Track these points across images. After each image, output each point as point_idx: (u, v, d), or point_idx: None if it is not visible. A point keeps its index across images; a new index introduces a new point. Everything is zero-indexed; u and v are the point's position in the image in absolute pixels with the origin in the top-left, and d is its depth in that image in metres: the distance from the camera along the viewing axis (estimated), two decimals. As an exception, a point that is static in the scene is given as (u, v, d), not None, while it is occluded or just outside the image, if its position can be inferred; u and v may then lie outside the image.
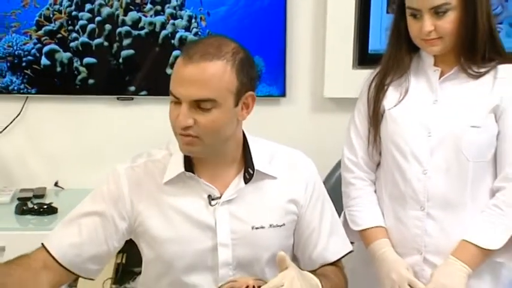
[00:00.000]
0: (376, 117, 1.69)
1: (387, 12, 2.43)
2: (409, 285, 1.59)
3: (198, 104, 1.37)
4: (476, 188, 1.62)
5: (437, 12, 1.52)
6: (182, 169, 1.48)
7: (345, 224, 1.74)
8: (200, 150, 1.44)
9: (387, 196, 1.72)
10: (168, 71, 2.47)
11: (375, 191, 1.77)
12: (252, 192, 1.52)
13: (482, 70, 1.59)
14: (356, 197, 1.75)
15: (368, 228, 1.70)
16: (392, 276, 1.61)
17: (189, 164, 1.49)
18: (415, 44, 1.63)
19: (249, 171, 1.51)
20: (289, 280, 1.32)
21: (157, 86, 2.50)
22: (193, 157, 1.51)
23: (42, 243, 1.49)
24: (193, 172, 1.49)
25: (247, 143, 1.53)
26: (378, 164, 1.77)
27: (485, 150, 1.61)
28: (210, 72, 1.37)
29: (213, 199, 1.49)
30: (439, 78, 1.64)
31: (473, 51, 1.58)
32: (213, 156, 1.50)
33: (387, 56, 1.71)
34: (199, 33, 2.47)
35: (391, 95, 1.68)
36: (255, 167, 1.52)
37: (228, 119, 1.41)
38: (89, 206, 1.51)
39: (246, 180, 1.51)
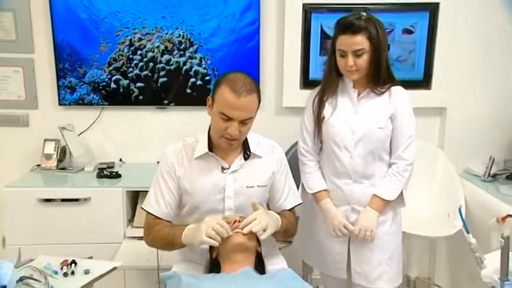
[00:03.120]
0: (318, 121, 1.73)
1: (320, 55, 2.48)
2: (344, 227, 1.68)
3: (243, 121, 1.47)
4: (380, 164, 1.71)
5: (357, 54, 1.59)
6: (207, 150, 1.56)
7: (303, 188, 1.80)
8: (237, 146, 1.56)
9: (328, 171, 1.76)
10: (188, 91, 2.53)
11: (319, 167, 1.79)
12: (248, 166, 1.60)
13: (383, 90, 1.68)
14: (309, 172, 1.78)
15: (317, 192, 1.76)
16: (334, 222, 1.69)
17: (210, 147, 1.57)
18: (342, 73, 1.68)
19: (247, 153, 1.60)
20: (259, 215, 1.44)
21: (181, 100, 2.56)
22: (213, 142, 1.56)
23: (149, 212, 1.57)
24: (212, 152, 1.57)
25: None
26: (320, 149, 1.78)
27: (386, 141, 1.69)
28: (251, 102, 1.46)
29: (224, 169, 1.58)
30: (358, 96, 1.69)
31: (378, 78, 1.66)
32: None
33: (324, 80, 1.75)
34: (206, 67, 2.51)
35: (327, 108, 1.72)
36: (251, 150, 1.60)
37: (251, 126, 1.53)
38: (162, 181, 1.58)
39: (245, 158, 1.60)
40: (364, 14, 1.59)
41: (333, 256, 1.80)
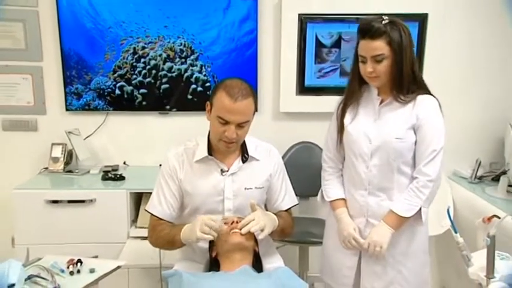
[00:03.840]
0: (341, 129, 1.61)
1: (315, 63, 2.50)
2: (354, 240, 1.55)
3: (240, 124, 1.47)
4: (399, 177, 1.54)
5: (376, 60, 1.45)
6: (206, 154, 1.56)
7: (321, 196, 1.69)
8: (235, 148, 1.55)
9: (346, 180, 1.65)
10: (189, 97, 2.54)
11: (341, 175, 1.67)
12: (246, 168, 1.59)
13: (408, 99, 1.51)
14: (328, 179, 1.67)
15: (334, 200, 1.64)
16: (344, 233, 1.58)
17: (210, 150, 1.58)
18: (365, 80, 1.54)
19: (245, 156, 1.59)
20: (257, 216, 1.44)
21: (182, 105, 2.56)
22: (212, 146, 1.57)
23: (153, 214, 1.58)
24: (212, 155, 1.58)
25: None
26: (344, 158, 1.65)
27: (406, 154, 1.52)
28: (247, 106, 1.46)
29: (223, 171, 1.58)
30: (380, 104, 1.56)
31: (401, 86, 1.50)
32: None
33: (348, 87, 1.62)
34: (207, 74, 2.51)
35: (347, 116, 1.60)
36: (249, 153, 1.60)
37: (248, 129, 1.53)
38: (162, 183, 1.59)
39: (244, 161, 1.59)
40: (386, 17, 1.45)
41: (340, 269, 1.66)
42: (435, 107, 1.52)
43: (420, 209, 1.51)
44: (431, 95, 1.54)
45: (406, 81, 1.49)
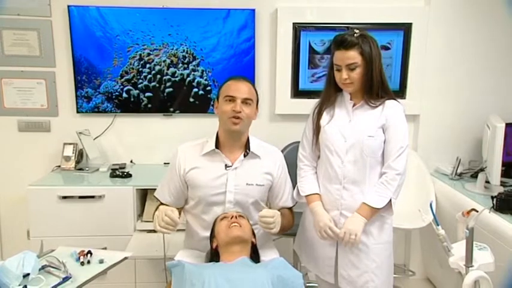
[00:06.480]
0: (317, 130, 1.64)
1: (308, 68, 2.50)
2: (330, 229, 1.56)
3: (245, 101, 1.53)
4: (371, 172, 1.58)
5: (350, 68, 1.51)
6: (213, 147, 1.58)
7: (297, 191, 1.70)
8: (240, 127, 1.55)
9: (321, 176, 1.65)
10: (191, 100, 2.53)
11: (316, 173, 1.68)
12: (248, 164, 1.61)
13: (377, 103, 1.57)
14: (303, 176, 1.68)
15: (309, 194, 1.65)
16: (320, 224, 1.58)
17: (217, 145, 1.59)
18: (339, 86, 1.60)
19: (247, 151, 1.61)
20: (277, 214, 1.49)
21: (185, 108, 2.55)
22: (220, 141, 1.59)
23: (158, 199, 1.65)
24: (219, 150, 1.60)
25: (248, 137, 1.64)
26: (319, 157, 1.68)
27: (377, 150, 1.57)
28: (250, 88, 1.57)
29: (227, 166, 1.59)
30: (353, 107, 1.60)
31: (371, 92, 1.56)
32: (237, 139, 1.59)
33: (323, 93, 1.67)
34: (207, 79, 2.50)
35: (324, 118, 1.63)
36: (251, 149, 1.61)
37: (253, 113, 1.59)
38: (169, 174, 1.64)
39: (245, 156, 1.61)
40: (357, 31, 1.52)
41: (322, 260, 1.67)
42: (401, 111, 1.58)
43: (390, 200, 1.54)
44: (396, 100, 1.60)
45: (376, 87, 1.55)
